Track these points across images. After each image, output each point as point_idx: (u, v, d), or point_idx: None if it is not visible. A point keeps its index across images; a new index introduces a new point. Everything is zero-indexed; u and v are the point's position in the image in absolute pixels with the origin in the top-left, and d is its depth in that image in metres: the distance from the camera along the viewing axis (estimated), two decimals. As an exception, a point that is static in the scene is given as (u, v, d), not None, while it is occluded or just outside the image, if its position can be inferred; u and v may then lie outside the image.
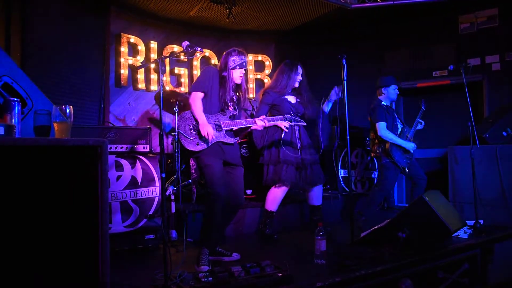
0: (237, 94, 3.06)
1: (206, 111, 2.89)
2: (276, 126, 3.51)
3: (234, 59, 2.94)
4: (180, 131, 2.82)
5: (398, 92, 4.24)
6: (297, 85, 3.68)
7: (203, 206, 3.61)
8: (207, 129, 2.77)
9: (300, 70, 3.69)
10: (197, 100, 2.86)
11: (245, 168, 3.09)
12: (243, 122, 2.98)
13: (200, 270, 2.55)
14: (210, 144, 2.80)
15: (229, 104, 2.97)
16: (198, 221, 3.57)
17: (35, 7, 4.04)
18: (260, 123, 3.01)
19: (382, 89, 4.18)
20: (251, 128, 3.06)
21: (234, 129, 2.98)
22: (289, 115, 3.22)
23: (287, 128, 3.48)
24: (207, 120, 2.84)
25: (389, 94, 4.17)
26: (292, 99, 3.68)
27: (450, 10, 5.21)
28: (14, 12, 3.85)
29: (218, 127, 2.88)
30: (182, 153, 3.92)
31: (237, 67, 2.94)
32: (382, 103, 4.15)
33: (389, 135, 4.01)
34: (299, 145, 3.63)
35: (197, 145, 2.79)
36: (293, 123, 3.23)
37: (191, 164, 4.13)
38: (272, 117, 3.14)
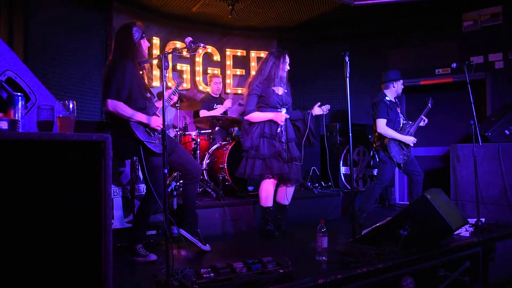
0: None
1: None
2: (271, 121, 3.48)
3: (136, 29, 2.70)
4: (144, 141, 2.62)
5: (403, 87, 4.29)
6: (284, 74, 3.60)
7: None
8: (155, 121, 2.65)
9: (287, 59, 3.61)
10: (120, 106, 2.57)
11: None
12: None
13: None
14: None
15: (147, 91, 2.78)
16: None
17: (38, 2, 4.04)
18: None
19: (392, 83, 4.18)
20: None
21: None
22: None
23: (283, 122, 3.46)
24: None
25: (398, 88, 4.20)
26: (279, 90, 3.57)
27: (454, 7, 5.19)
28: (17, 8, 3.85)
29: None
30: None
31: (143, 35, 2.75)
32: (386, 98, 4.15)
33: (388, 131, 4.04)
34: (284, 139, 3.52)
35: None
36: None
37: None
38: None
